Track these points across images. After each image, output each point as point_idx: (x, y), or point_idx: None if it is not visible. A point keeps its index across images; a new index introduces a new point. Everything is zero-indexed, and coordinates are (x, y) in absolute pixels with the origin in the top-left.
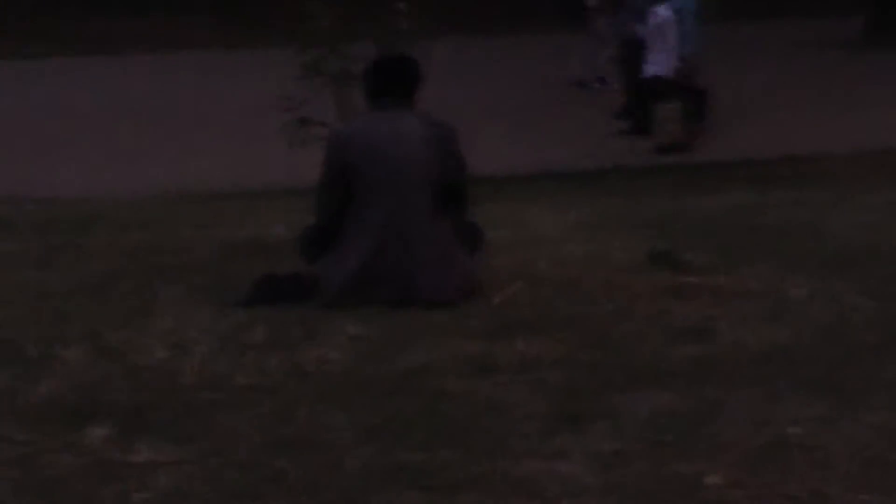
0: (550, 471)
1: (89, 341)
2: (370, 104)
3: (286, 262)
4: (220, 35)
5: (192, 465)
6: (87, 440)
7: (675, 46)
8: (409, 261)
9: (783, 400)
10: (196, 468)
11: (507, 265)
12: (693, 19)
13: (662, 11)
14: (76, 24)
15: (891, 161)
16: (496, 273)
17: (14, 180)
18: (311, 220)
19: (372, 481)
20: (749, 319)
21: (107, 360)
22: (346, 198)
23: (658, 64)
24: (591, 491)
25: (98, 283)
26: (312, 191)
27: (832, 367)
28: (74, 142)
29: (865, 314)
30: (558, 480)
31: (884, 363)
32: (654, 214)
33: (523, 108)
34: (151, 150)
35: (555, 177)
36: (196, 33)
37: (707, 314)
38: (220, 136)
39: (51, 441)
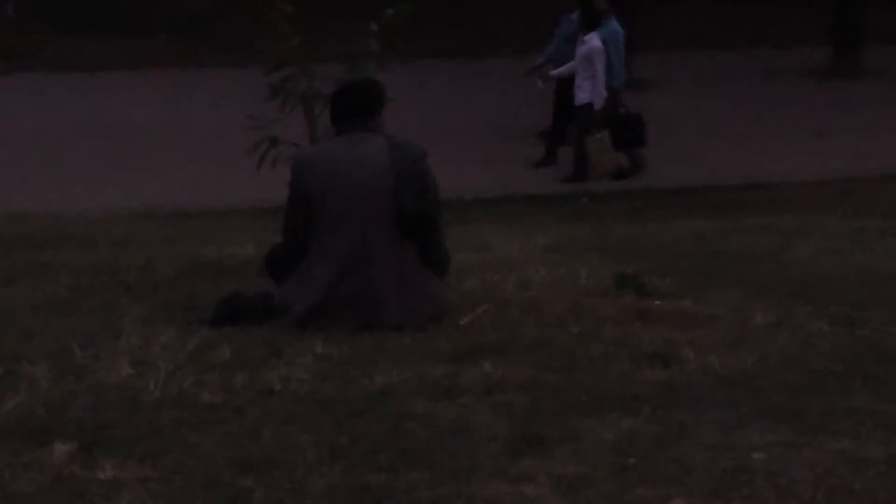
0: (515, 493)
1: (55, 358)
2: (335, 127)
3: (252, 281)
4: (189, 54)
5: (156, 483)
6: (51, 457)
7: (603, 76)
8: (373, 287)
9: (747, 425)
10: (161, 486)
11: (474, 288)
12: (619, 50)
13: (591, 40)
14: (45, 41)
15: (856, 188)
16: (463, 296)
17: None
18: (279, 239)
19: (336, 502)
20: (714, 345)
21: (72, 378)
22: (311, 221)
23: (587, 92)
24: None
25: (64, 300)
26: (279, 210)
27: (796, 394)
28: (42, 158)
29: (830, 341)
30: (523, 503)
31: (848, 390)
32: (621, 239)
33: (493, 132)
34: (119, 167)
35: (522, 200)
36: (165, 52)
37: (672, 339)
38: (187, 155)
39: (15, 458)
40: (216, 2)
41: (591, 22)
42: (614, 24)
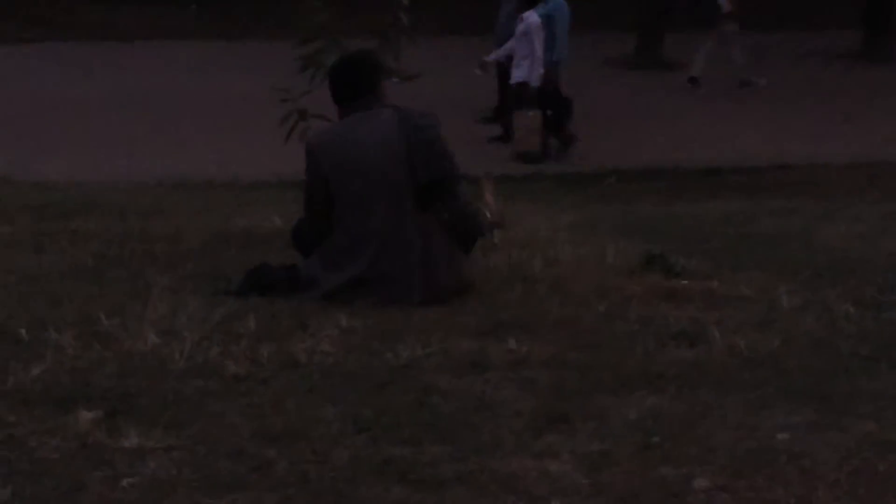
0: (538, 469)
1: (81, 326)
2: (342, 106)
3: (279, 252)
4: (219, 25)
5: (180, 452)
6: (76, 424)
7: (540, 53)
8: (403, 265)
9: (772, 406)
10: (185, 454)
11: (501, 264)
12: (563, 28)
13: (530, 17)
14: (74, 10)
15: (885, 172)
16: (489, 272)
17: (8, 164)
18: (303, 214)
19: (359, 474)
20: (740, 325)
21: (98, 345)
22: (333, 202)
23: (523, 70)
24: (578, 491)
25: (91, 269)
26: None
27: (822, 376)
28: (70, 128)
29: (857, 324)
30: (546, 479)
31: (873, 373)
32: (648, 218)
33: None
34: (147, 138)
35: (549, 178)
36: (196, 23)
37: (699, 319)
38: (215, 127)
39: (40, 424)
40: None
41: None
42: (559, 1)
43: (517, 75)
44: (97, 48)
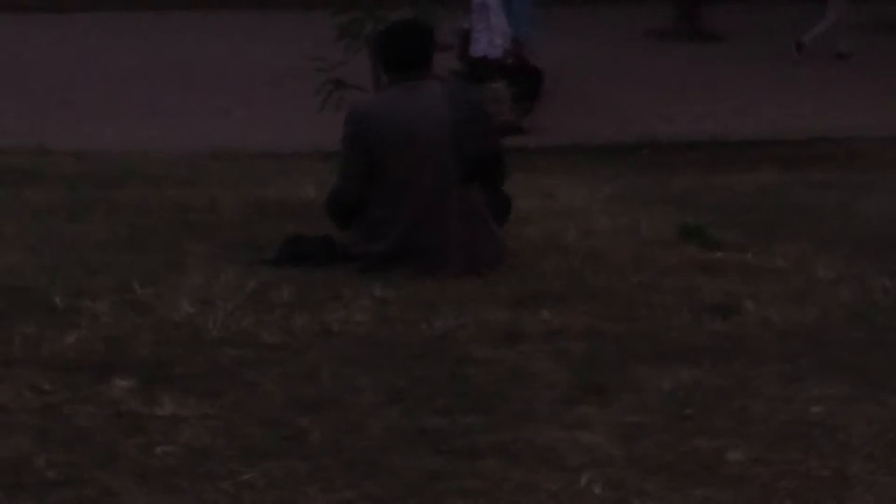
0: (573, 440)
1: (117, 294)
2: (391, 76)
3: (315, 223)
4: None
5: (215, 420)
6: (111, 392)
7: (500, 26)
8: (443, 238)
9: (807, 379)
10: (219, 423)
11: (536, 235)
12: (520, 5)
13: None
14: None
15: None
16: (525, 243)
17: (47, 133)
18: (338, 183)
19: (394, 444)
20: (776, 298)
21: (134, 314)
22: (373, 173)
23: (482, 43)
24: (613, 462)
25: (128, 238)
26: (339, 154)
27: (857, 349)
28: (106, 97)
29: (893, 297)
30: (580, 450)
31: None
32: (683, 190)
33: (553, 78)
34: (183, 108)
35: (585, 150)
36: None
37: (735, 291)
38: (251, 97)
39: (75, 392)
40: None
41: None
42: None
43: (476, 49)
44: (134, 17)
